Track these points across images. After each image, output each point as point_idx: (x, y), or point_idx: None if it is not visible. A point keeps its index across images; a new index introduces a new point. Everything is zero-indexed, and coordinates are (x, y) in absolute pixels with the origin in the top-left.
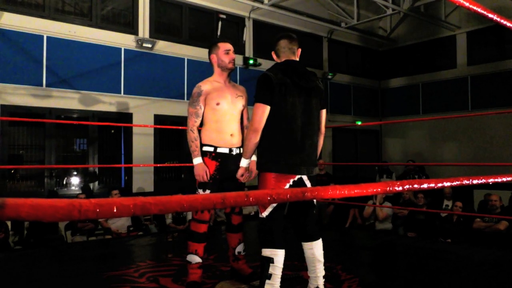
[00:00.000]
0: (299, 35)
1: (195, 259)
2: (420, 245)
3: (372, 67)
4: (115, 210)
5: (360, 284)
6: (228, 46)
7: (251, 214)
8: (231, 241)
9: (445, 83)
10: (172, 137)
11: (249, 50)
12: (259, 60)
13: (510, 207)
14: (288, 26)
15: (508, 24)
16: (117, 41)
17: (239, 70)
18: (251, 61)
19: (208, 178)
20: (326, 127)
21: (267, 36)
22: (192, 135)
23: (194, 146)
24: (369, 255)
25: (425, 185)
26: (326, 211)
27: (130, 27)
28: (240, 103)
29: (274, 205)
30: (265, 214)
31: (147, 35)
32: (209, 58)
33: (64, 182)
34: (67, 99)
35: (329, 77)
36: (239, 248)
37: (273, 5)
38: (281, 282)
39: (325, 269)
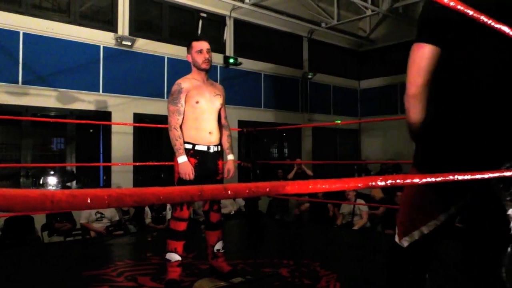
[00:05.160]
0: (279, 35)
1: (175, 257)
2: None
3: (351, 67)
4: (89, 201)
5: (338, 280)
6: (201, 45)
7: (231, 213)
8: (210, 239)
9: None
10: (151, 136)
11: (229, 49)
12: (240, 59)
13: None
14: (269, 26)
15: (488, 21)
16: (96, 38)
17: (220, 69)
18: (231, 60)
19: (193, 177)
20: (305, 127)
21: (248, 35)
22: (176, 133)
23: (179, 144)
24: (347, 252)
25: (408, 180)
26: (306, 210)
27: (110, 24)
28: (218, 101)
29: (429, 228)
30: (405, 242)
31: (126, 33)
32: (187, 57)
33: (41, 182)
34: (44, 97)
35: (309, 76)
36: (218, 246)
37: (254, 5)
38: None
39: (303, 266)
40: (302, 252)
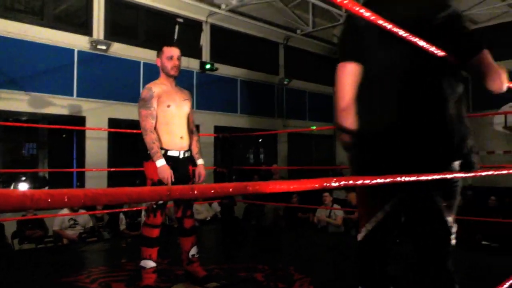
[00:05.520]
0: (256, 40)
1: (149, 264)
2: None
3: (326, 73)
4: (66, 200)
5: (311, 283)
6: (172, 51)
7: (207, 219)
8: (184, 245)
9: None
10: (126, 141)
11: (206, 55)
12: (216, 65)
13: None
14: (245, 32)
15: (420, 43)
16: (70, 41)
17: (196, 74)
18: (207, 66)
19: (172, 180)
20: (281, 133)
21: (224, 41)
22: (153, 136)
23: (156, 147)
24: (321, 255)
25: (359, 181)
26: (278, 213)
27: (84, 27)
28: (187, 106)
29: (371, 225)
30: (359, 237)
31: (101, 37)
32: (156, 60)
33: (12, 188)
34: (15, 101)
35: (285, 82)
36: (193, 251)
37: (230, 11)
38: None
39: (278, 270)
40: (277, 257)
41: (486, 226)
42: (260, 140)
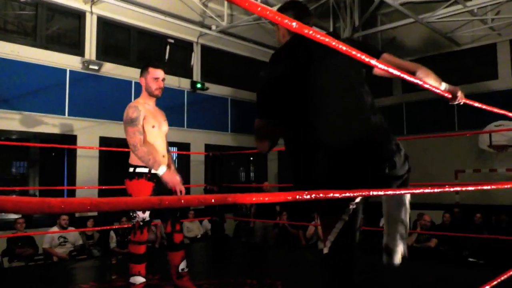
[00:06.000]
0: (245, 60)
1: (139, 279)
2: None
3: None
4: (76, 206)
5: None
6: (158, 73)
7: (198, 236)
8: (174, 260)
9: (383, 108)
10: (117, 159)
11: (196, 74)
12: (207, 84)
13: (441, 226)
14: (235, 52)
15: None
16: (62, 62)
17: (187, 93)
18: (198, 85)
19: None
20: (272, 151)
21: (215, 61)
22: (144, 149)
23: (152, 157)
24: (310, 271)
25: (330, 194)
26: (272, 233)
27: (76, 48)
28: (166, 126)
29: (333, 236)
30: (325, 250)
31: (94, 57)
32: (139, 79)
33: None
34: (6, 120)
35: None
36: (182, 265)
37: (220, 32)
38: None
39: (266, 285)
40: (266, 272)
41: (473, 243)
42: (251, 158)
